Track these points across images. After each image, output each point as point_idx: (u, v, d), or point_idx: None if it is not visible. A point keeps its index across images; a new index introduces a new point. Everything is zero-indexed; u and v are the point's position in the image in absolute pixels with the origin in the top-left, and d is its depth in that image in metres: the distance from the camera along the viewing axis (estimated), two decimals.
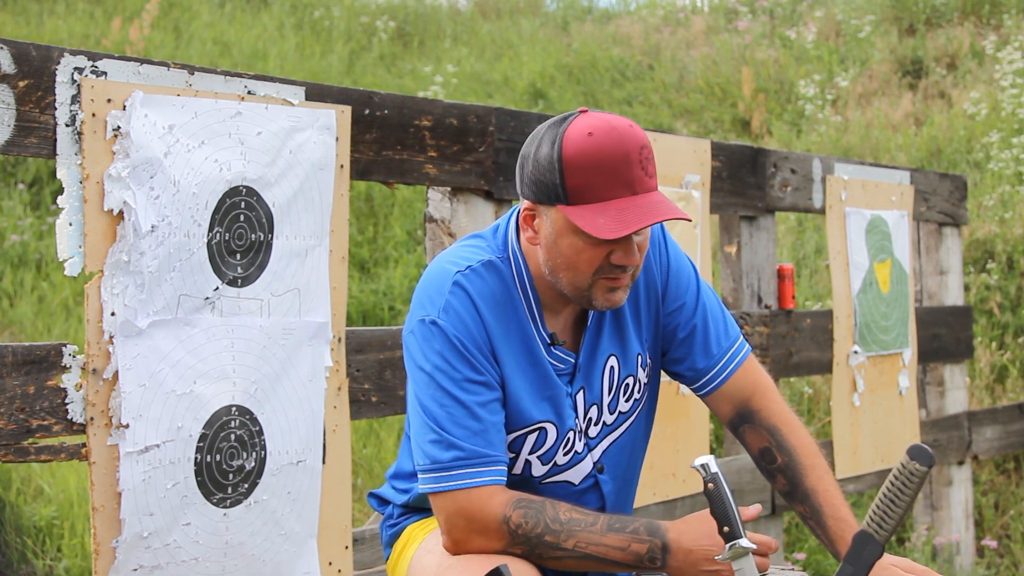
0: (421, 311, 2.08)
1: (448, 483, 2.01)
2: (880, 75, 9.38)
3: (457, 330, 2.03)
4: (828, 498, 2.15)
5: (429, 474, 2.03)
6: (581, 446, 2.17)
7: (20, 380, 2.26)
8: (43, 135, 2.27)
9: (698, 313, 2.23)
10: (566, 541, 2.00)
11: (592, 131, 1.96)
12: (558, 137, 1.98)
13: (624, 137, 1.97)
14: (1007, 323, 6.47)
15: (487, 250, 2.12)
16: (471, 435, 2.01)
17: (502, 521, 2.00)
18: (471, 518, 2.01)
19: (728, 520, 1.97)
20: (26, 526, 4.50)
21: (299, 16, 11.20)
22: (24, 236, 7.03)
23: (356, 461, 5.40)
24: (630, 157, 1.96)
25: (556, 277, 2.05)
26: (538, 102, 9.74)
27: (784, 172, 4.28)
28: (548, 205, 2.01)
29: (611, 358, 2.18)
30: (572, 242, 2.00)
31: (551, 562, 2.03)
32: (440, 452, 2.01)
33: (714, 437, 5.41)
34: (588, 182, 1.96)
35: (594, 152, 1.95)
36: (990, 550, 5.24)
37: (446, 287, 2.06)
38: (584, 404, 2.16)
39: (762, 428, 2.23)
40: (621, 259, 2.00)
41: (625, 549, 1.99)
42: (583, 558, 2.01)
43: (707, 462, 2.02)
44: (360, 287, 7.08)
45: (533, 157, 2.02)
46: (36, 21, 9.51)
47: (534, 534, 2.00)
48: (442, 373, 2.02)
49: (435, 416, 2.02)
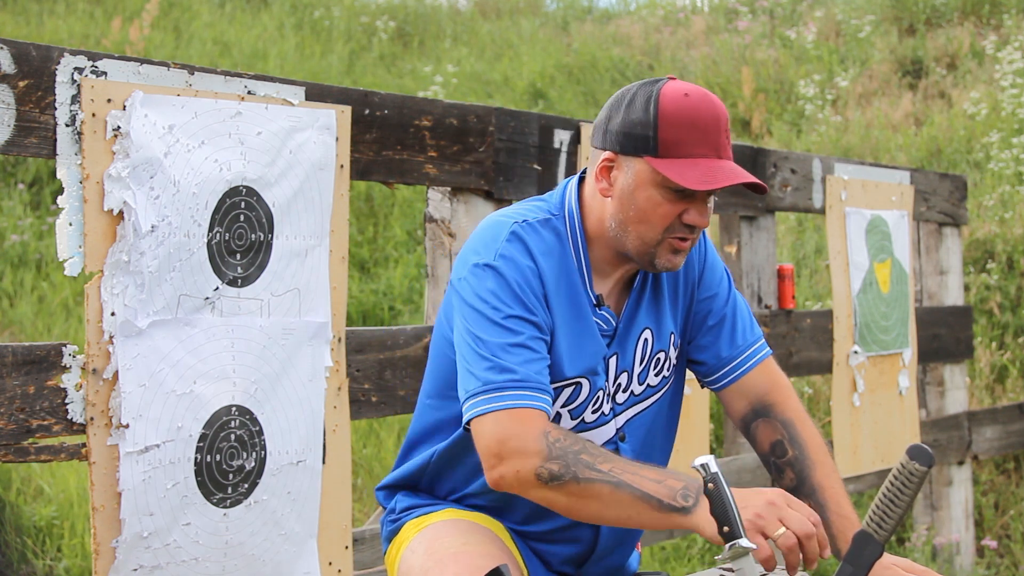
0: (475, 256, 2.09)
1: (497, 403, 1.98)
2: (880, 75, 9.39)
3: (512, 273, 2.05)
4: (834, 495, 2.17)
5: (479, 396, 2.00)
6: (608, 408, 2.20)
7: (20, 380, 2.26)
8: (43, 135, 2.27)
9: (729, 304, 2.29)
10: (603, 463, 1.94)
11: (688, 93, 2.05)
12: (655, 93, 2.05)
13: (716, 104, 2.06)
14: (1007, 323, 6.47)
15: (543, 209, 2.17)
16: (524, 362, 2.01)
17: (542, 434, 1.97)
18: (512, 435, 1.97)
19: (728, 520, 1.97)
20: (26, 526, 4.50)
21: (299, 16, 11.20)
22: (24, 236, 7.03)
23: (356, 461, 5.40)
24: (720, 123, 2.05)
25: (624, 230, 2.09)
26: (538, 102, 9.74)
27: (784, 172, 4.28)
28: (633, 156, 2.06)
29: (646, 330, 2.22)
30: (651, 195, 2.05)
31: (585, 487, 1.94)
32: (493, 374, 2.00)
33: (714, 437, 5.41)
34: (680, 137, 2.02)
35: (690, 110, 2.03)
36: (990, 550, 5.24)
37: (502, 235, 2.09)
38: (615, 369, 2.19)
39: (776, 421, 2.25)
40: (694, 218, 2.06)
41: (661, 482, 1.93)
42: (617, 485, 1.92)
43: (707, 462, 2.02)
44: (360, 287, 7.08)
45: (624, 109, 2.08)
46: (36, 21, 9.51)
47: (572, 450, 1.95)
48: (495, 310, 2.03)
49: (488, 345, 2.02)
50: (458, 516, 2.20)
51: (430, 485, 2.28)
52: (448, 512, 2.22)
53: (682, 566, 4.77)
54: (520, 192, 3.33)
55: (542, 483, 1.95)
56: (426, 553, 2.11)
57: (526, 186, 3.34)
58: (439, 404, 2.23)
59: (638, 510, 1.93)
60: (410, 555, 2.17)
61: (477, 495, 2.22)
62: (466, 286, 2.08)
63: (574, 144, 3.48)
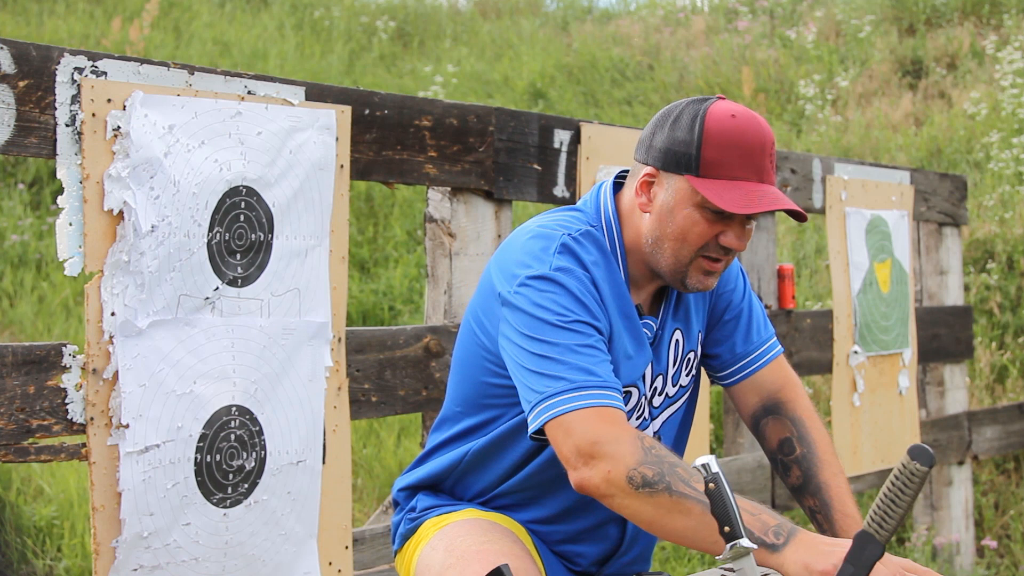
0: (526, 270, 2.04)
1: (581, 402, 1.92)
2: (880, 75, 9.38)
3: (572, 282, 2.03)
4: (839, 494, 2.18)
5: (557, 397, 1.94)
6: (648, 414, 2.21)
7: (20, 380, 2.25)
8: (43, 135, 2.27)
9: (745, 300, 2.31)
10: (697, 483, 1.87)
11: (735, 114, 2.04)
12: (701, 112, 2.05)
13: (762, 127, 2.05)
14: (1007, 323, 6.47)
15: (583, 220, 2.15)
16: (600, 363, 1.98)
17: (636, 437, 1.91)
18: (605, 434, 1.90)
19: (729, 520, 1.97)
20: (26, 526, 4.50)
21: (299, 16, 11.20)
22: (24, 236, 7.03)
23: (356, 461, 5.40)
24: (765, 147, 2.04)
25: (659, 247, 2.09)
26: (538, 102, 9.74)
27: (784, 172, 4.28)
28: (674, 174, 2.05)
29: (676, 331, 2.23)
30: (689, 213, 2.05)
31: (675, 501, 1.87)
32: (572, 374, 1.95)
33: (714, 437, 5.41)
34: (723, 158, 2.02)
35: (735, 133, 2.02)
36: (990, 550, 5.24)
37: (552, 247, 2.06)
38: (651, 374, 2.20)
39: (786, 419, 2.27)
40: (731, 241, 2.06)
41: (756, 515, 1.88)
42: (708, 507, 1.84)
43: (708, 462, 2.02)
44: (360, 287, 7.08)
45: (669, 126, 2.07)
46: (36, 21, 9.51)
47: (668, 460, 1.89)
48: (561, 315, 1.99)
49: (559, 348, 1.97)
50: (478, 516, 2.20)
51: (455, 485, 2.26)
52: (468, 512, 2.21)
53: (682, 566, 4.77)
54: (520, 192, 3.32)
55: (632, 488, 1.88)
56: (446, 550, 2.10)
57: (526, 186, 3.34)
58: (472, 411, 2.20)
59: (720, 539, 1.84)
60: (430, 552, 2.16)
61: (507, 494, 2.21)
62: (523, 298, 2.01)
63: (574, 144, 3.48)
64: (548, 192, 3.39)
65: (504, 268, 2.09)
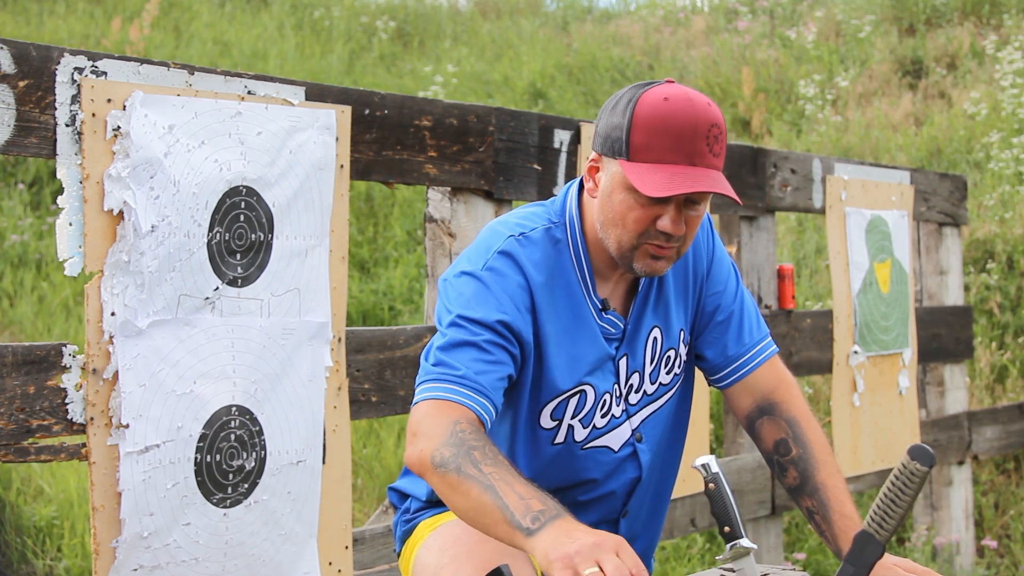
0: (466, 264, 2.10)
1: (429, 393, 1.98)
2: (880, 75, 9.38)
3: (495, 283, 2.05)
4: (837, 495, 2.17)
5: (420, 386, 2.01)
6: (619, 411, 2.20)
7: (20, 380, 2.25)
8: (43, 135, 2.27)
9: (736, 301, 2.29)
10: (488, 466, 1.87)
11: (669, 97, 2.03)
12: (635, 97, 2.05)
13: (697, 110, 2.03)
14: (1007, 323, 6.47)
15: (543, 217, 2.16)
16: (469, 360, 2.00)
17: (451, 422, 1.94)
18: (428, 419, 1.96)
19: (729, 520, 1.97)
20: (26, 526, 4.50)
21: (299, 16, 11.20)
22: (24, 236, 7.03)
23: (356, 461, 5.40)
24: (698, 130, 2.02)
25: (605, 232, 2.10)
26: (538, 102, 9.74)
27: (784, 172, 4.28)
28: (611, 158, 2.07)
29: (655, 329, 2.22)
30: (624, 198, 2.05)
31: (459, 480, 1.88)
32: (435, 368, 2.01)
33: (714, 437, 5.41)
34: (651, 142, 2.01)
35: (664, 116, 2.01)
36: (990, 550, 5.24)
37: (495, 247, 2.09)
38: (626, 370, 2.20)
39: (781, 420, 2.25)
40: (666, 226, 2.04)
41: (525, 500, 1.82)
42: (485, 489, 1.84)
43: (708, 462, 2.02)
44: (360, 287, 7.08)
45: (610, 110, 2.08)
46: (36, 21, 9.51)
47: (468, 443, 1.90)
48: (462, 310, 2.04)
49: (445, 344, 2.02)
50: None
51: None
52: None
53: (682, 566, 4.76)
54: (520, 192, 3.32)
55: (434, 467, 1.91)
56: (440, 550, 2.11)
57: (526, 186, 3.34)
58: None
59: (493, 519, 1.83)
60: (425, 553, 2.17)
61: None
62: (447, 289, 2.10)
63: (574, 144, 3.48)
64: (548, 192, 3.39)
65: (462, 256, 2.15)
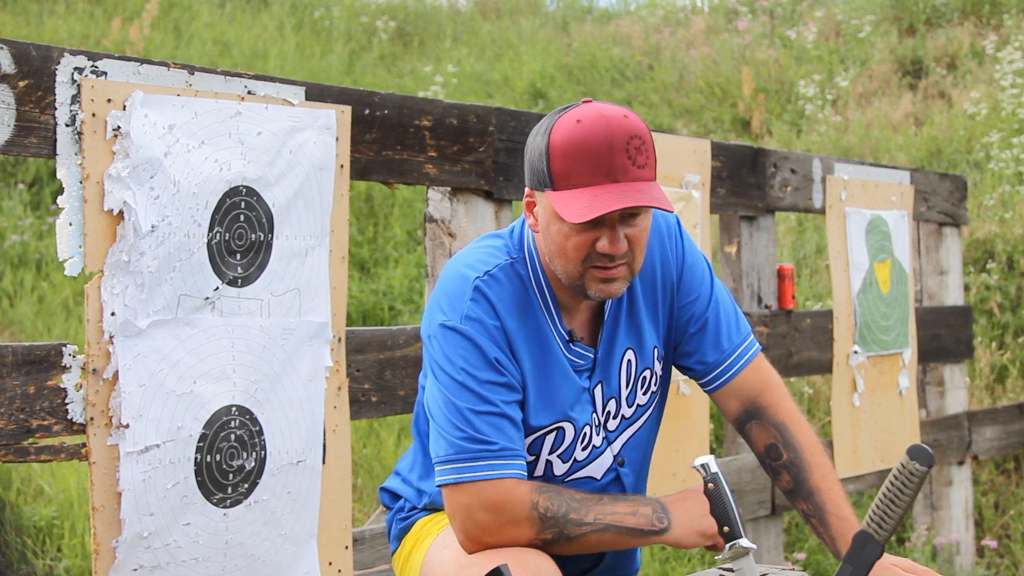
0: (442, 315, 2.09)
1: (473, 473, 2.01)
2: (880, 75, 9.38)
3: (479, 336, 2.05)
4: (832, 496, 2.16)
5: (452, 464, 2.03)
6: (599, 440, 2.19)
7: (20, 380, 2.26)
8: (43, 135, 2.27)
9: (711, 308, 2.25)
10: (587, 515, 2.03)
11: (581, 119, 1.99)
12: (551, 124, 2.02)
13: (612, 126, 1.98)
14: (1007, 323, 6.47)
15: (504, 251, 2.14)
16: (496, 431, 2.03)
17: (531, 507, 2.02)
18: (500, 508, 2.01)
19: (728, 520, 1.98)
20: (26, 526, 4.50)
21: (299, 16, 11.20)
22: (24, 236, 7.03)
23: (356, 461, 5.40)
24: (614, 146, 1.97)
25: (553, 265, 2.08)
26: (538, 102, 9.74)
27: (784, 172, 4.28)
28: (540, 191, 2.05)
29: (628, 351, 2.20)
30: (560, 228, 2.02)
31: (576, 542, 2.04)
32: (467, 443, 2.02)
33: (714, 437, 5.41)
34: (569, 168, 1.98)
35: (578, 139, 1.98)
36: (990, 550, 5.24)
37: (467, 294, 2.07)
38: (602, 398, 2.18)
39: (769, 424, 2.23)
40: (605, 247, 2.01)
41: (635, 513, 2.04)
42: (603, 529, 2.03)
43: (707, 462, 2.03)
44: (360, 287, 7.08)
45: (531, 144, 2.06)
46: (36, 21, 9.51)
47: (560, 514, 2.02)
48: (467, 375, 2.04)
49: (462, 412, 2.03)
50: None
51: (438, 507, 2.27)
52: None
53: (682, 566, 4.77)
54: (520, 192, 3.33)
55: (545, 547, 2.05)
56: (461, 549, 2.09)
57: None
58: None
59: (627, 542, 2.07)
60: (439, 551, 2.16)
61: None
62: (437, 347, 2.08)
63: None
64: None
65: (429, 305, 2.14)
